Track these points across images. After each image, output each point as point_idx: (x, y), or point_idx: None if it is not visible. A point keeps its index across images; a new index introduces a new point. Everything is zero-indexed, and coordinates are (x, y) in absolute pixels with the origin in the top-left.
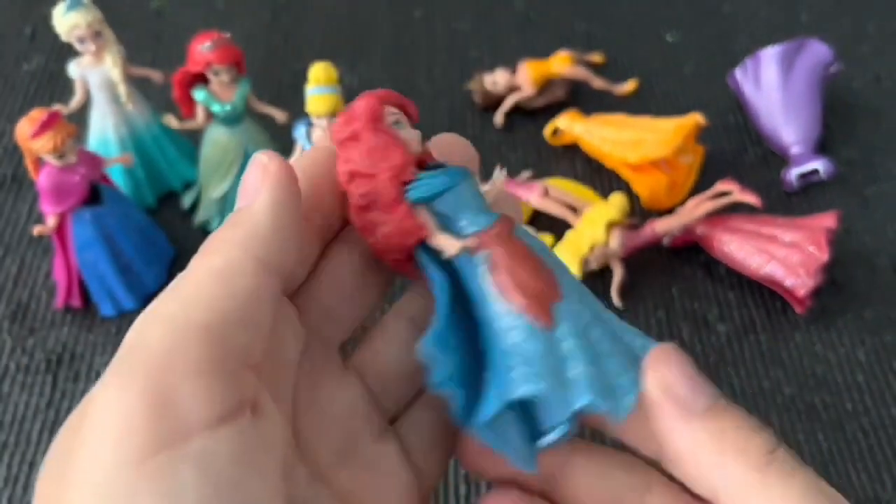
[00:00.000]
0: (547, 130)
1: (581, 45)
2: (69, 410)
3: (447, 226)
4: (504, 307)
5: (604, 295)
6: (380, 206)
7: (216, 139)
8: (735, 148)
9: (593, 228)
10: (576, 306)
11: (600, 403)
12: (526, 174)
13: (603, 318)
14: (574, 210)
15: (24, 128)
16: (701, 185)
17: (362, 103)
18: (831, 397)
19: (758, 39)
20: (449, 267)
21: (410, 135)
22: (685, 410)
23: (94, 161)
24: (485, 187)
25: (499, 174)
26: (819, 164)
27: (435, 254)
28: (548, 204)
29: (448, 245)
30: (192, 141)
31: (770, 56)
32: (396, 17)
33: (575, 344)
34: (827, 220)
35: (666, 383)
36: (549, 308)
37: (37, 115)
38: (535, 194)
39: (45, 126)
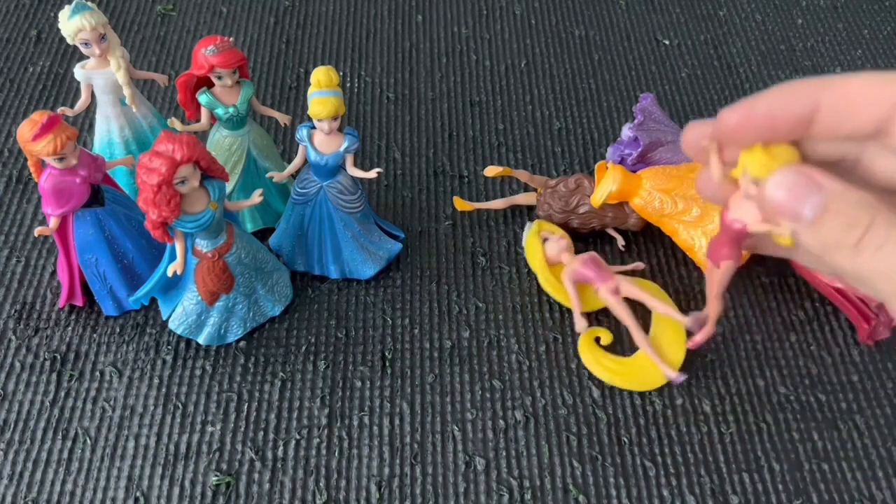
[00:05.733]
0: (596, 199)
1: (580, 50)
2: (73, 409)
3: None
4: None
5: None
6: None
7: (220, 141)
8: None
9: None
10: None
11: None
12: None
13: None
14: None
15: (25, 130)
16: None
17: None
18: (826, 397)
19: (753, 44)
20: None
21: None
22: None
23: (95, 163)
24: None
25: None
26: None
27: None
28: (615, 304)
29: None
30: None
31: None
32: (398, 21)
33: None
34: None
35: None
36: None
37: (38, 117)
38: (607, 287)
39: (45, 129)
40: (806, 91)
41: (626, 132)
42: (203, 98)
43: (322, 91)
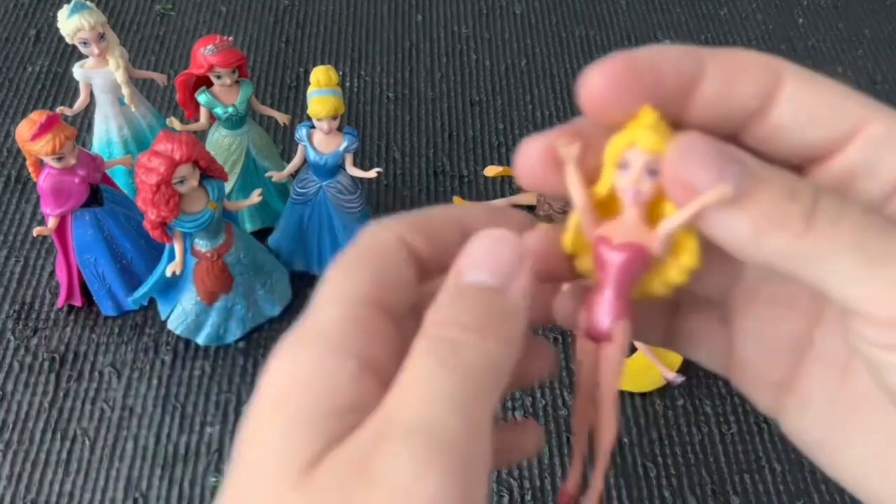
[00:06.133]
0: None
1: (580, 50)
2: (72, 409)
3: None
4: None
5: None
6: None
7: (219, 141)
8: None
9: None
10: None
11: None
12: None
13: None
14: None
15: (24, 130)
16: None
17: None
18: None
19: (755, 43)
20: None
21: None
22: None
23: (94, 163)
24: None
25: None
26: None
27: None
28: None
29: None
30: None
31: None
32: (397, 21)
33: None
34: None
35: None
36: None
37: (36, 117)
38: None
39: (44, 128)
40: (688, 50)
41: None
42: (202, 97)
43: (321, 90)
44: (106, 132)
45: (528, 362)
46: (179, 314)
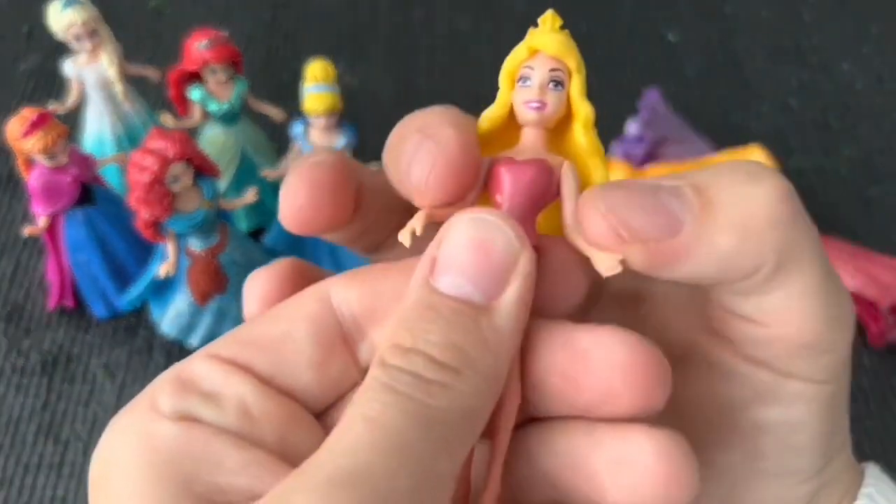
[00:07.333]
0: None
1: (582, 46)
2: (65, 413)
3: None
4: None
5: None
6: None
7: (212, 138)
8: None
9: None
10: None
11: None
12: None
13: None
14: None
15: (15, 127)
16: None
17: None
18: None
19: (759, 40)
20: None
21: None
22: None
23: (85, 161)
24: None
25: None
26: None
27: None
28: None
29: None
30: None
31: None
32: (396, 16)
33: None
34: None
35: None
36: None
37: (27, 114)
38: None
39: (35, 125)
40: None
41: (632, 128)
42: (196, 94)
43: (318, 85)
44: (98, 129)
45: (554, 289)
46: (173, 315)
